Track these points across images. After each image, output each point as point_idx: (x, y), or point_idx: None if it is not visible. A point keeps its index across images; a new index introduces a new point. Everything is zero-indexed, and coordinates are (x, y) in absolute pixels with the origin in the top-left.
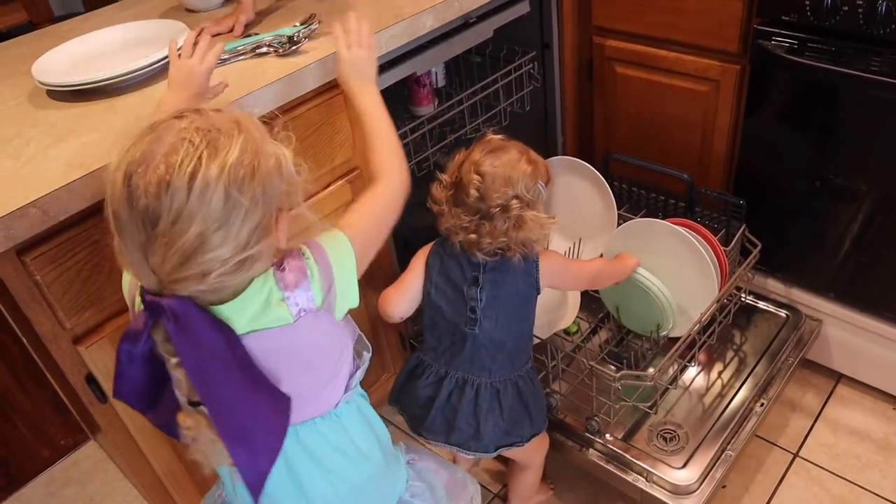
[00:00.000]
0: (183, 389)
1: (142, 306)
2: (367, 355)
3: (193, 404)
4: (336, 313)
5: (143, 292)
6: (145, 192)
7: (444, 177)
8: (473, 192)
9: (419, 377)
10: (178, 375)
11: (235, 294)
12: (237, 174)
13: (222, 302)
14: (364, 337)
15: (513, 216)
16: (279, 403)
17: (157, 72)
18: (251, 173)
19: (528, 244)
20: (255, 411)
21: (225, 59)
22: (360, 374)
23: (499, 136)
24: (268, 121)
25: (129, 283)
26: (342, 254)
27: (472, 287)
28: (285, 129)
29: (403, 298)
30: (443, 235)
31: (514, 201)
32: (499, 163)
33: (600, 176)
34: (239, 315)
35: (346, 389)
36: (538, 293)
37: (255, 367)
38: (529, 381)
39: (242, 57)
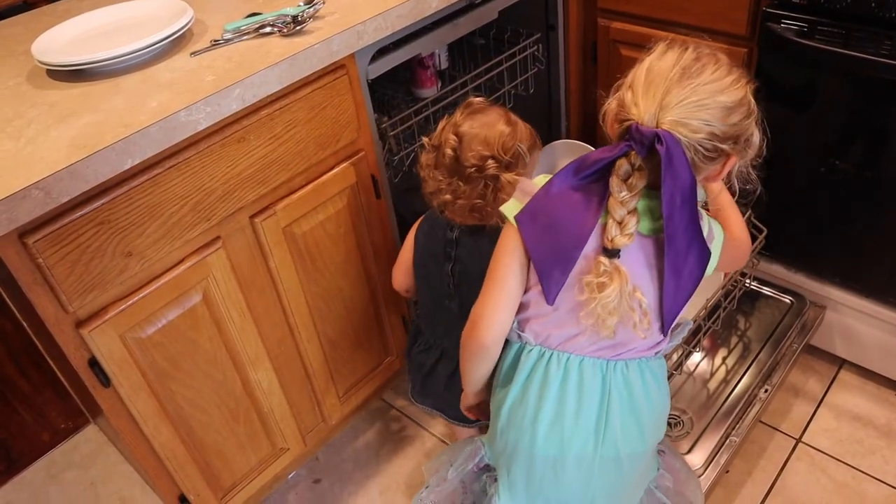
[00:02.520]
0: (612, 232)
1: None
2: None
3: (609, 254)
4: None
5: (634, 124)
6: (695, 61)
7: (427, 140)
8: (449, 151)
9: (414, 344)
10: (617, 215)
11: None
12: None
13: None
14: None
15: (488, 177)
16: (703, 256)
17: (160, 52)
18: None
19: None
20: (689, 252)
21: (228, 39)
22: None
23: (480, 99)
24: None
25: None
26: (717, 233)
27: (446, 262)
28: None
29: (400, 272)
30: (427, 202)
31: (490, 161)
32: (477, 124)
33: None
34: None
35: (662, 341)
36: None
37: (698, 218)
38: None
39: (246, 37)
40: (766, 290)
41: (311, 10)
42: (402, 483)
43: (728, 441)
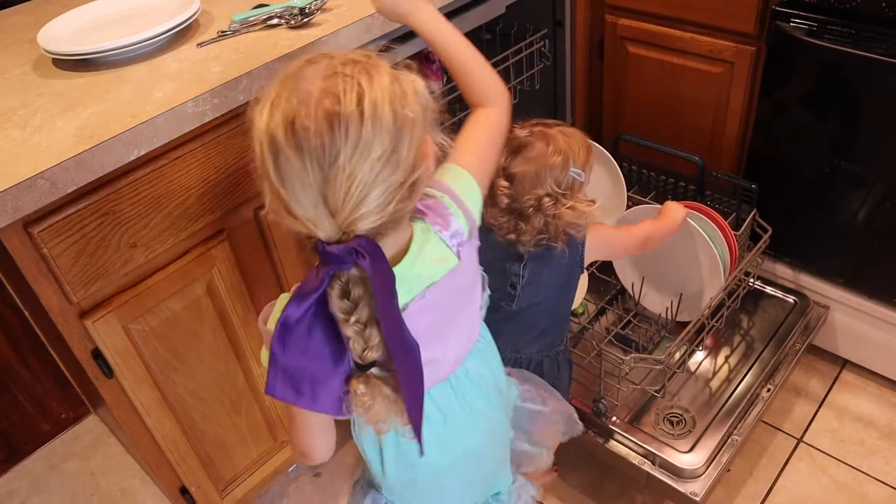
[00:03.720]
0: (357, 349)
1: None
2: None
3: (361, 368)
4: (476, 237)
5: (322, 247)
6: (316, 131)
7: None
8: (504, 199)
9: None
10: (352, 332)
11: (404, 248)
12: (396, 92)
13: (394, 262)
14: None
15: (547, 213)
16: (416, 350)
17: (165, 42)
18: (404, 92)
19: (572, 230)
20: (412, 355)
21: (236, 30)
22: (486, 294)
23: (522, 128)
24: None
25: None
26: (466, 185)
27: (515, 263)
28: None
29: None
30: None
31: (547, 199)
32: (523, 160)
33: (611, 157)
34: (416, 269)
35: (482, 307)
36: (581, 271)
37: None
38: (555, 364)
39: (254, 28)
40: (769, 290)
41: (319, 2)
42: None
43: (730, 440)
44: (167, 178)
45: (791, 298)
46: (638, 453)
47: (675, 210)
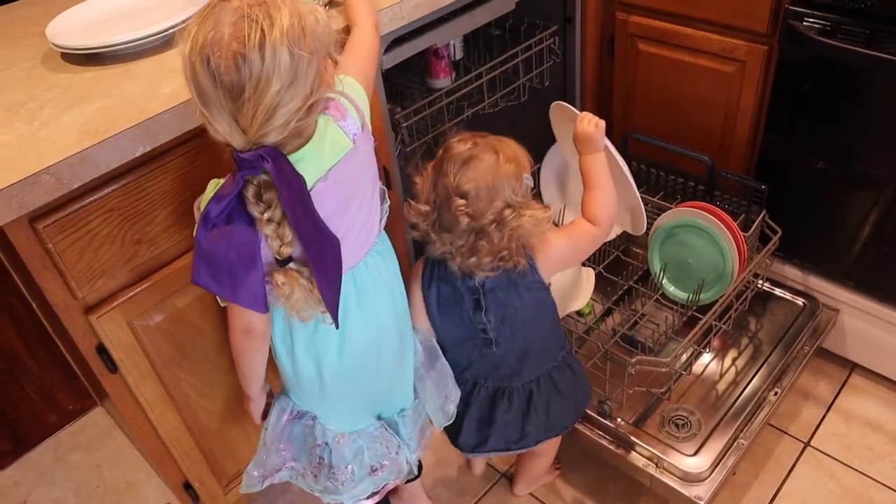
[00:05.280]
0: (274, 245)
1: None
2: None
3: (281, 264)
4: (369, 130)
5: (236, 153)
6: (226, 70)
7: (422, 205)
8: (465, 219)
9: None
10: (268, 231)
11: (309, 138)
12: (294, 34)
13: (301, 147)
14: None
15: (509, 225)
16: (334, 242)
17: (172, 37)
18: (302, 31)
19: (528, 245)
20: (327, 248)
21: None
22: (386, 209)
23: (460, 142)
24: None
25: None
26: (355, 89)
27: (477, 312)
28: None
29: (419, 320)
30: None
31: (507, 210)
32: (477, 175)
33: (619, 155)
34: (319, 153)
35: (383, 215)
36: (547, 288)
37: (316, 210)
38: (566, 369)
39: None
40: (778, 292)
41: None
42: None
43: (736, 443)
44: (172, 175)
45: (800, 301)
46: (643, 455)
47: (591, 157)
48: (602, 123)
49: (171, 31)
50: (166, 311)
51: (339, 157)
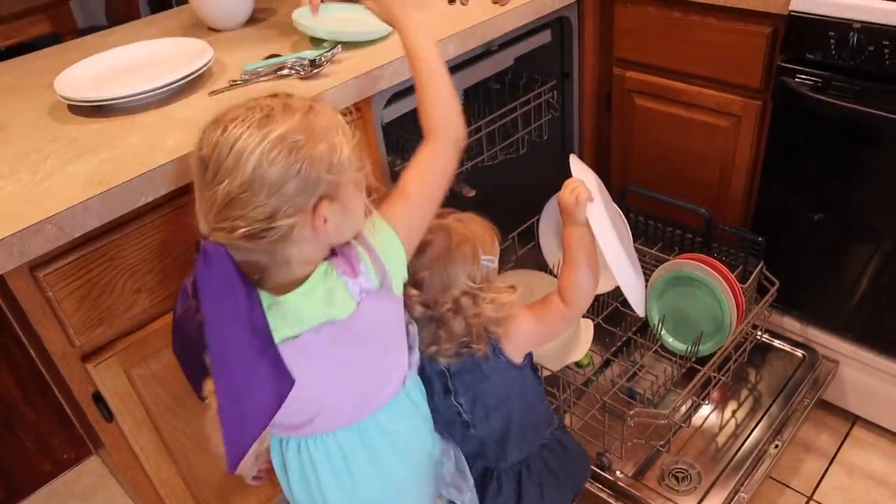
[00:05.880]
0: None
1: None
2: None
3: None
4: (394, 290)
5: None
6: (206, 144)
7: None
8: (418, 308)
9: None
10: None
11: (298, 283)
12: (272, 148)
13: (289, 290)
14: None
15: (468, 314)
16: (280, 381)
17: (177, 90)
18: (289, 151)
19: (491, 329)
20: (253, 377)
21: (247, 80)
22: (416, 356)
23: None
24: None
25: None
26: (386, 242)
27: (447, 395)
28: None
29: None
30: None
31: (464, 298)
32: (429, 261)
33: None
34: (308, 303)
35: (409, 366)
36: (520, 366)
37: (270, 336)
38: (556, 446)
39: (264, 78)
40: (777, 343)
41: (329, 54)
42: None
43: (737, 497)
44: (173, 225)
45: (799, 352)
46: None
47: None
48: (584, 195)
49: (175, 84)
50: (164, 360)
51: (334, 317)
